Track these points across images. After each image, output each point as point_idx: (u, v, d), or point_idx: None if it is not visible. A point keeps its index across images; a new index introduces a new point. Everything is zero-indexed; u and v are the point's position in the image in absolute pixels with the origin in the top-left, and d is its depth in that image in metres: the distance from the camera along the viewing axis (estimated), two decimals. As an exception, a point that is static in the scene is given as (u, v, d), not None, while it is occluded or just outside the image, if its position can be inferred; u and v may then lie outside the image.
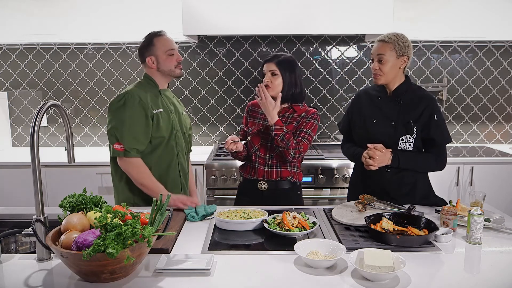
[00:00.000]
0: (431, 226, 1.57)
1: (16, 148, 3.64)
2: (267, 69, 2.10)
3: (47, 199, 3.01)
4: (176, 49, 2.09)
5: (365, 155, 1.92)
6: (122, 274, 1.23)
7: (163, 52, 2.05)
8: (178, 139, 2.13)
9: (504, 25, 3.17)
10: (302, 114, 2.12)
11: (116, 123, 1.95)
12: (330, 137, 3.65)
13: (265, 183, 2.14)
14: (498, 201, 2.97)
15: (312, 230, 1.60)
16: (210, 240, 1.58)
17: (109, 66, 3.54)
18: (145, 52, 2.07)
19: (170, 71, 2.08)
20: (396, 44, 1.91)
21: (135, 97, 1.96)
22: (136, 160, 1.98)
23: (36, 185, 1.37)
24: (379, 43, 1.95)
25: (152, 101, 2.02)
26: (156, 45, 2.05)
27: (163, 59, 2.05)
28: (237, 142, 2.09)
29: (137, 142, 1.97)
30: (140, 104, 1.96)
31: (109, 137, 1.99)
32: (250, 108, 2.26)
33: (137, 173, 1.98)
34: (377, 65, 1.94)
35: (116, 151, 1.97)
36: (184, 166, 2.20)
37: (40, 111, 1.36)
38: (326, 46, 3.52)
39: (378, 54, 1.93)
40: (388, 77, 1.95)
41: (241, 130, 2.32)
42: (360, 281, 1.24)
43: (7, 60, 3.54)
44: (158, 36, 2.06)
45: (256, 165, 2.16)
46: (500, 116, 3.62)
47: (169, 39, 2.08)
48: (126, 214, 1.31)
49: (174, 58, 2.07)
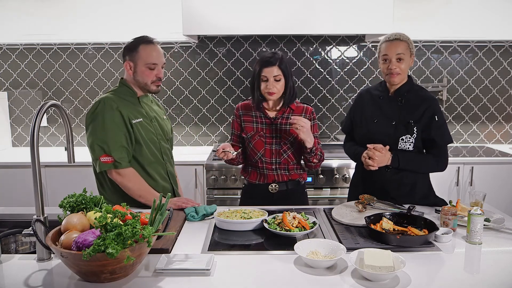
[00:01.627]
0: (431, 226, 1.57)
1: (16, 148, 3.64)
2: (270, 74, 1.96)
3: (47, 199, 3.02)
4: (159, 64, 1.93)
5: (365, 155, 1.92)
6: (122, 274, 1.23)
7: (143, 63, 1.90)
8: (163, 148, 2.04)
9: (504, 25, 3.17)
10: (303, 115, 2.09)
11: (98, 134, 1.83)
12: (330, 137, 3.65)
13: (277, 185, 2.10)
14: (498, 201, 2.97)
15: (312, 230, 1.60)
16: (210, 240, 1.58)
17: (109, 66, 3.54)
18: (126, 55, 1.93)
19: (145, 84, 1.93)
20: (409, 42, 1.93)
21: (111, 103, 1.85)
22: (129, 171, 1.88)
23: (36, 185, 1.37)
24: (394, 42, 1.91)
25: (129, 111, 1.91)
26: (139, 52, 1.90)
27: (141, 70, 1.91)
28: (227, 152, 1.96)
29: (124, 150, 1.86)
30: (118, 110, 1.85)
31: (93, 151, 1.85)
32: (242, 112, 2.12)
33: (134, 185, 1.88)
34: (396, 64, 1.91)
35: (104, 164, 1.83)
36: (174, 174, 2.14)
37: (40, 111, 1.36)
38: (326, 46, 3.52)
39: (398, 53, 1.90)
40: (404, 76, 1.97)
41: (233, 136, 2.17)
42: (360, 281, 1.24)
43: (7, 60, 3.54)
44: (145, 44, 1.91)
45: (264, 171, 2.09)
46: (500, 116, 3.62)
47: (155, 51, 1.92)
48: (126, 214, 1.31)
49: (153, 73, 1.92)
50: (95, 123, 1.85)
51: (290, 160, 2.10)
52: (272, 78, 1.97)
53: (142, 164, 1.95)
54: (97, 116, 1.85)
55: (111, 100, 1.87)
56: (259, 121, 2.10)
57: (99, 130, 1.84)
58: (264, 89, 2.00)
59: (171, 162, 2.13)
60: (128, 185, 1.88)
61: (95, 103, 1.88)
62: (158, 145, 2.01)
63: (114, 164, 1.84)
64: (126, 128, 1.88)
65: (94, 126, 1.85)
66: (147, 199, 1.89)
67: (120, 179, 1.88)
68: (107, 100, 1.87)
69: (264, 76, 1.98)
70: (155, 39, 1.97)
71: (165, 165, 2.06)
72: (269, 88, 1.98)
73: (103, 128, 1.83)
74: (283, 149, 2.08)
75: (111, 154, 1.83)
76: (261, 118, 2.09)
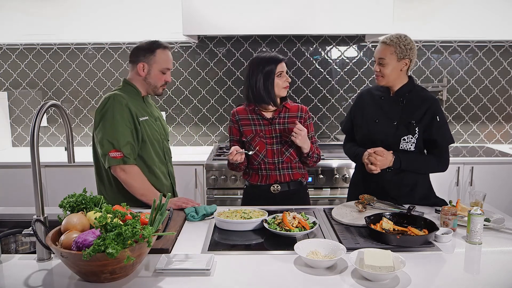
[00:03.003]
0: (431, 226, 1.57)
1: (16, 148, 3.64)
2: (283, 69, 2.04)
3: (47, 199, 3.02)
4: (170, 70, 2.01)
5: (366, 161, 1.93)
6: (122, 274, 1.23)
7: (158, 67, 1.95)
8: (165, 147, 2.07)
9: (504, 25, 3.17)
10: (299, 114, 2.11)
11: (108, 129, 1.84)
12: (330, 137, 3.65)
13: (278, 186, 2.11)
14: (498, 201, 2.97)
15: (312, 230, 1.60)
16: (210, 240, 1.58)
17: (109, 66, 3.54)
18: (141, 57, 1.95)
19: (155, 87, 1.99)
20: (398, 47, 1.90)
21: (121, 100, 1.86)
22: (134, 169, 1.89)
23: (36, 185, 1.37)
24: (381, 45, 1.94)
25: (137, 108, 1.93)
26: (156, 56, 1.95)
27: (155, 73, 1.96)
28: (242, 153, 1.98)
29: (131, 147, 1.87)
30: (127, 107, 1.87)
31: (102, 147, 1.85)
32: (239, 117, 2.13)
33: (138, 183, 1.88)
34: (378, 68, 1.95)
35: (113, 159, 1.83)
36: (173, 174, 2.17)
37: (40, 111, 1.36)
38: (326, 46, 3.52)
39: (379, 57, 1.93)
40: (389, 79, 1.95)
41: (232, 142, 2.16)
42: (360, 281, 1.24)
43: (7, 60, 3.54)
44: (163, 49, 1.97)
45: (267, 172, 2.10)
46: (500, 116, 3.62)
47: (170, 57, 2.00)
48: (126, 214, 1.31)
49: (164, 77, 1.99)
50: (105, 118, 1.86)
51: (292, 158, 2.10)
52: (284, 73, 2.06)
53: (147, 161, 1.97)
54: (106, 112, 1.85)
55: (120, 97, 1.88)
56: (257, 123, 2.10)
57: (109, 126, 1.85)
58: (282, 84, 2.05)
59: (171, 162, 2.16)
60: (132, 183, 1.88)
61: (104, 99, 1.88)
62: (161, 144, 2.04)
63: (123, 160, 1.85)
64: (133, 125, 1.89)
65: (104, 122, 1.86)
66: (149, 198, 1.88)
67: (124, 176, 1.88)
68: (117, 97, 1.87)
69: (280, 72, 2.04)
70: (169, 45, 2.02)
71: (167, 165, 2.09)
72: (287, 81, 2.06)
73: (112, 123, 1.84)
74: (284, 147, 2.08)
75: (120, 150, 1.84)
76: (258, 120, 2.10)
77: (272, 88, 2.04)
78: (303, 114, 2.12)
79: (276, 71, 2.03)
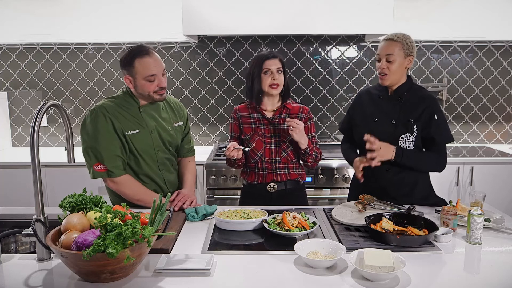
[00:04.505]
0: (431, 226, 1.57)
1: (16, 148, 3.64)
2: (273, 66, 2.00)
3: (47, 199, 3.02)
4: (158, 74, 1.86)
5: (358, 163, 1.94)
6: (122, 274, 1.23)
7: (141, 77, 1.84)
8: (160, 158, 1.99)
9: (504, 25, 3.17)
10: (299, 114, 2.11)
11: (91, 142, 1.83)
12: (330, 137, 3.65)
13: (275, 185, 2.11)
14: (498, 201, 2.97)
15: (312, 230, 1.60)
16: (210, 240, 1.58)
17: (109, 66, 3.54)
18: (124, 70, 1.89)
19: (148, 95, 1.89)
20: (404, 43, 1.91)
21: (104, 112, 1.83)
22: (124, 178, 1.87)
23: (36, 185, 1.37)
24: (387, 42, 1.93)
25: (125, 121, 1.88)
26: (135, 67, 1.84)
27: (141, 84, 1.86)
28: (239, 149, 1.97)
29: (118, 159, 1.85)
30: (110, 119, 1.83)
31: (87, 158, 1.85)
32: (240, 115, 2.13)
33: (130, 190, 1.88)
34: (385, 64, 1.92)
35: (98, 173, 1.83)
36: (174, 181, 2.10)
37: (40, 111, 1.36)
38: (326, 46, 3.52)
39: (387, 54, 1.91)
40: (394, 77, 1.94)
41: (233, 138, 2.16)
42: (360, 281, 1.24)
43: (7, 60, 3.54)
44: (140, 57, 1.83)
45: (264, 171, 2.10)
46: (500, 116, 3.62)
47: (152, 62, 1.84)
48: (126, 214, 1.31)
49: (154, 84, 1.86)
50: (87, 132, 1.85)
51: (289, 159, 2.10)
52: (275, 70, 2.00)
53: (138, 173, 1.95)
54: (89, 126, 1.84)
55: (104, 109, 1.85)
56: (257, 121, 2.11)
57: (92, 139, 1.83)
58: (268, 82, 2.01)
59: (170, 171, 2.06)
60: (124, 191, 1.89)
61: (89, 112, 1.87)
62: (155, 156, 1.97)
63: (107, 173, 1.84)
64: (119, 138, 1.86)
65: (87, 135, 1.85)
66: (146, 202, 1.88)
67: (115, 187, 1.89)
68: (101, 109, 1.85)
69: (267, 68, 2.00)
70: (149, 47, 1.90)
71: (161, 175, 2.02)
72: (274, 79, 2.00)
73: (95, 137, 1.83)
74: (282, 148, 2.08)
75: (103, 163, 1.83)
76: (259, 119, 2.10)
77: (258, 84, 2.03)
78: (303, 114, 2.12)
79: (264, 66, 2.00)
